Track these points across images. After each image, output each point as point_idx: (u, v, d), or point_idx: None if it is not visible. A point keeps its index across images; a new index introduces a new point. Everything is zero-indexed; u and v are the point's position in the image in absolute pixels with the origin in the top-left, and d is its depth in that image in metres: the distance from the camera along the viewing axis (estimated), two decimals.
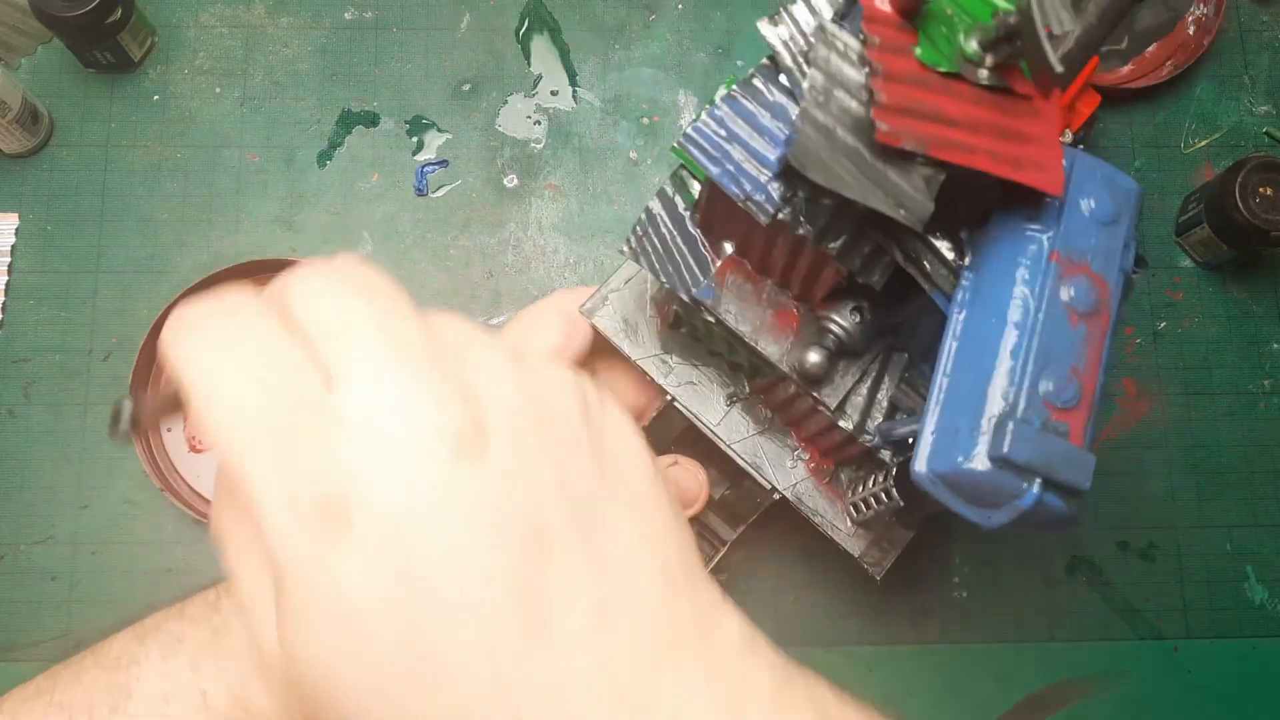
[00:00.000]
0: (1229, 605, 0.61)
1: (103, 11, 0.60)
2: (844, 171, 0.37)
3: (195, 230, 0.63)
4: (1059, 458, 0.35)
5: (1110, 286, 0.38)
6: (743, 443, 0.52)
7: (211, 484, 0.59)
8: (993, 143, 0.37)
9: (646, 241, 0.46)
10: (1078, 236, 0.38)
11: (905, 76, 0.37)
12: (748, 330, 0.46)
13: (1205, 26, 0.66)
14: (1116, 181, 0.39)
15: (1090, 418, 0.36)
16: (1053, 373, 0.36)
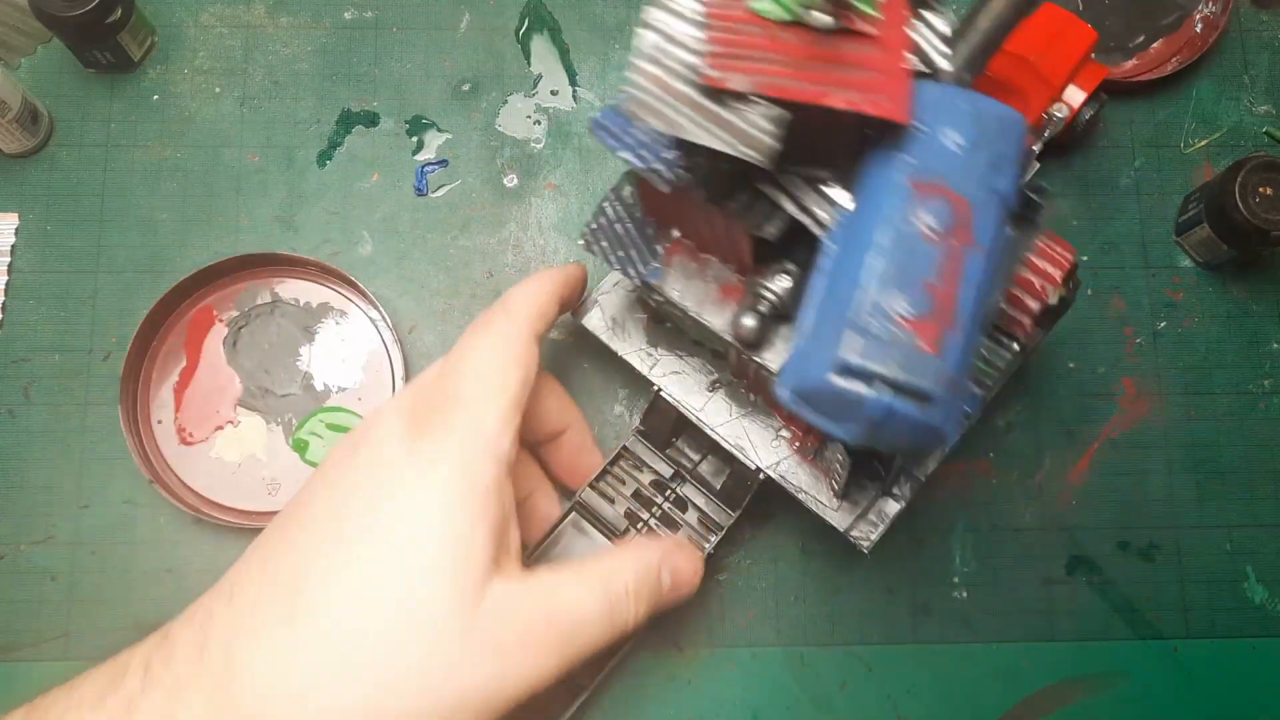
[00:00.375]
0: (1229, 605, 0.61)
1: (102, 11, 0.60)
2: (681, 117, 0.38)
3: (195, 230, 0.63)
4: (903, 361, 0.36)
5: (972, 205, 0.39)
6: (727, 425, 0.54)
7: (202, 478, 0.59)
8: (830, 78, 0.38)
9: (601, 233, 0.50)
10: (937, 160, 0.39)
11: (738, 27, 0.39)
12: (691, 305, 0.49)
13: (1212, 24, 0.66)
14: (985, 109, 0.40)
15: (948, 329, 0.37)
16: (905, 287, 0.37)
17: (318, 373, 0.61)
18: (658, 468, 0.57)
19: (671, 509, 0.57)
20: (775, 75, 0.38)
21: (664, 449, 0.57)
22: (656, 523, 0.57)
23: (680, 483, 0.57)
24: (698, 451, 0.57)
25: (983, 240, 0.39)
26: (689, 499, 0.57)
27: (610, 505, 0.57)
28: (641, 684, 0.58)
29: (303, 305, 0.62)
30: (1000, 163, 0.39)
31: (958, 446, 0.62)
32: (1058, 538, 0.61)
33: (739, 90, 0.38)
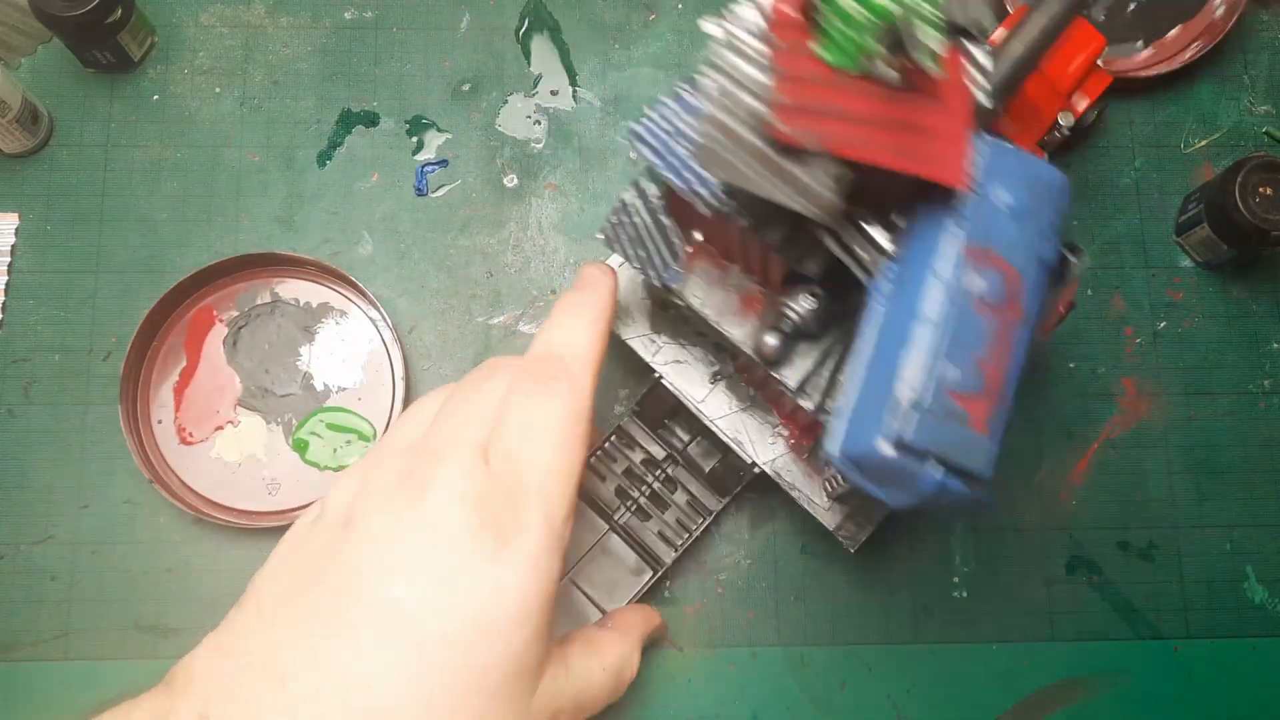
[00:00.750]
0: (1229, 605, 0.61)
1: (102, 11, 0.60)
2: (749, 170, 0.38)
3: (195, 230, 0.63)
4: (958, 444, 0.36)
5: (1024, 278, 0.38)
6: (726, 419, 0.54)
7: (202, 478, 0.59)
8: (895, 138, 0.38)
9: (621, 229, 0.49)
10: (989, 228, 0.39)
11: (807, 76, 0.38)
12: (712, 314, 0.49)
13: (1233, 7, 0.66)
14: (1035, 173, 0.40)
15: (996, 406, 0.37)
16: (958, 361, 0.37)
17: (318, 372, 0.61)
18: (650, 448, 0.58)
19: (662, 488, 0.58)
20: (843, 133, 0.38)
21: (656, 429, 0.58)
22: (646, 501, 0.58)
23: (671, 464, 0.58)
24: (688, 433, 0.58)
25: (1030, 311, 0.38)
26: (679, 480, 0.58)
27: (602, 482, 0.58)
28: (641, 684, 0.58)
29: (303, 305, 0.62)
30: (1048, 230, 0.39)
31: None
32: (1058, 538, 0.61)
33: (809, 147, 0.37)
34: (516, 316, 0.63)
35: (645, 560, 0.57)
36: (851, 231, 0.41)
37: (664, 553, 0.57)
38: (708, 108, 0.39)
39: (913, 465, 0.37)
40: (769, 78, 0.39)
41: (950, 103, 0.40)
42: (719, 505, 0.57)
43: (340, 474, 0.46)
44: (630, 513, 0.58)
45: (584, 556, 0.57)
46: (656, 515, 0.58)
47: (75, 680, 0.57)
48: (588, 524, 0.57)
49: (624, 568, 0.57)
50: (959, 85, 0.40)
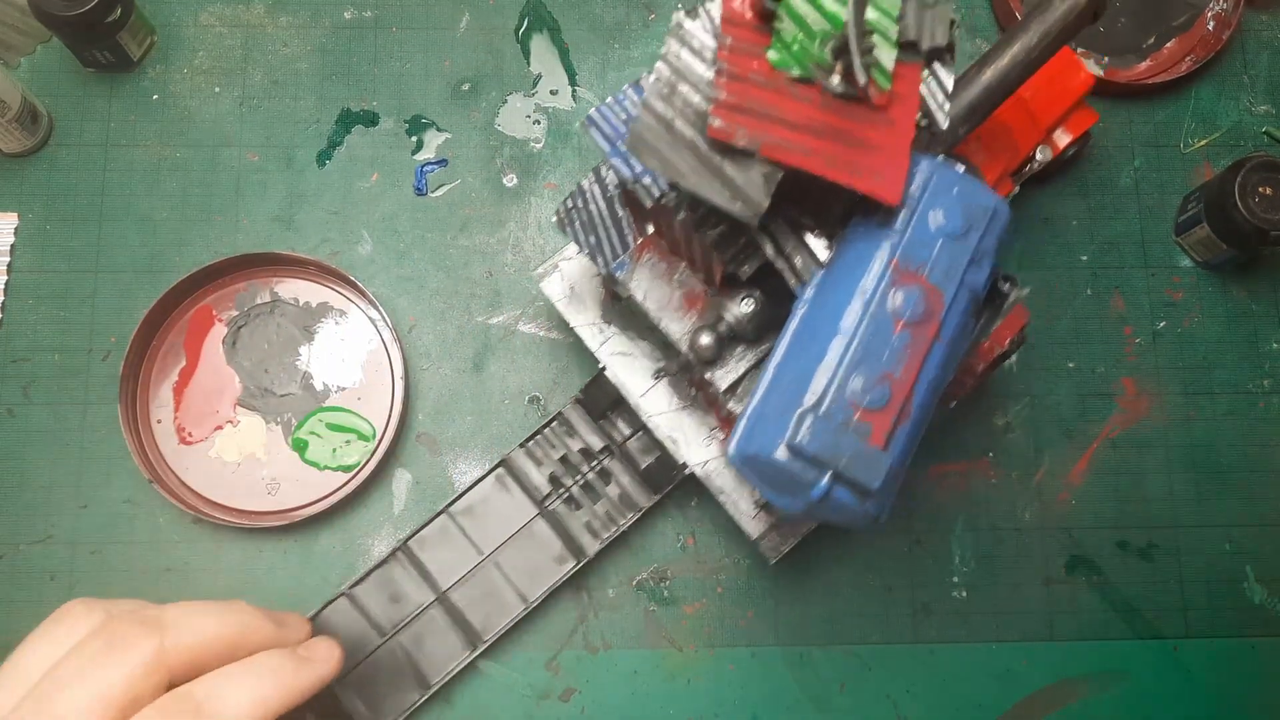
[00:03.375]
0: (1229, 605, 0.61)
1: (102, 11, 0.60)
2: (680, 161, 0.38)
3: (195, 230, 0.63)
4: (853, 455, 0.37)
5: (946, 299, 0.39)
6: (664, 416, 0.54)
7: (201, 477, 0.59)
8: (833, 148, 0.38)
9: (576, 214, 0.50)
10: (919, 246, 0.39)
11: (751, 77, 0.38)
12: (653, 307, 0.49)
13: (1225, 21, 0.66)
14: (975, 198, 0.40)
15: (900, 422, 0.38)
16: (865, 374, 0.37)
17: (317, 372, 0.61)
18: (588, 439, 0.58)
19: (595, 479, 0.58)
20: (780, 137, 0.38)
21: (598, 419, 0.58)
22: (579, 490, 0.58)
23: (608, 456, 0.58)
24: (630, 426, 0.58)
25: (947, 334, 0.39)
26: (613, 474, 0.58)
27: (537, 468, 0.58)
28: (641, 684, 0.58)
29: (302, 305, 0.62)
30: (981, 257, 0.40)
31: (957, 448, 0.62)
32: (1057, 537, 0.61)
33: (744, 147, 0.38)
34: (516, 316, 0.63)
35: (569, 549, 0.57)
36: (788, 236, 0.42)
37: (589, 544, 0.58)
38: (648, 96, 0.39)
39: (804, 471, 0.37)
40: (713, 74, 0.39)
41: (896, 119, 0.40)
42: (649, 502, 0.58)
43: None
44: (561, 500, 0.58)
45: (509, 539, 0.57)
46: (587, 505, 0.58)
47: None
48: (516, 506, 0.58)
49: (547, 554, 0.57)
50: (908, 102, 0.40)
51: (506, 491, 0.58)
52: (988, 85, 0.46)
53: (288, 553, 0.59)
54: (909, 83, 0.40)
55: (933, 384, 0.39)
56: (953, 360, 0.40)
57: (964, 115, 0.46)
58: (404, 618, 0.56)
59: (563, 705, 0.58)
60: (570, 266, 0.56)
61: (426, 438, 0.61)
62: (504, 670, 0.58)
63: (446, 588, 0.57)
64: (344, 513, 0.60)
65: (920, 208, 0.39)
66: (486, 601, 0.57)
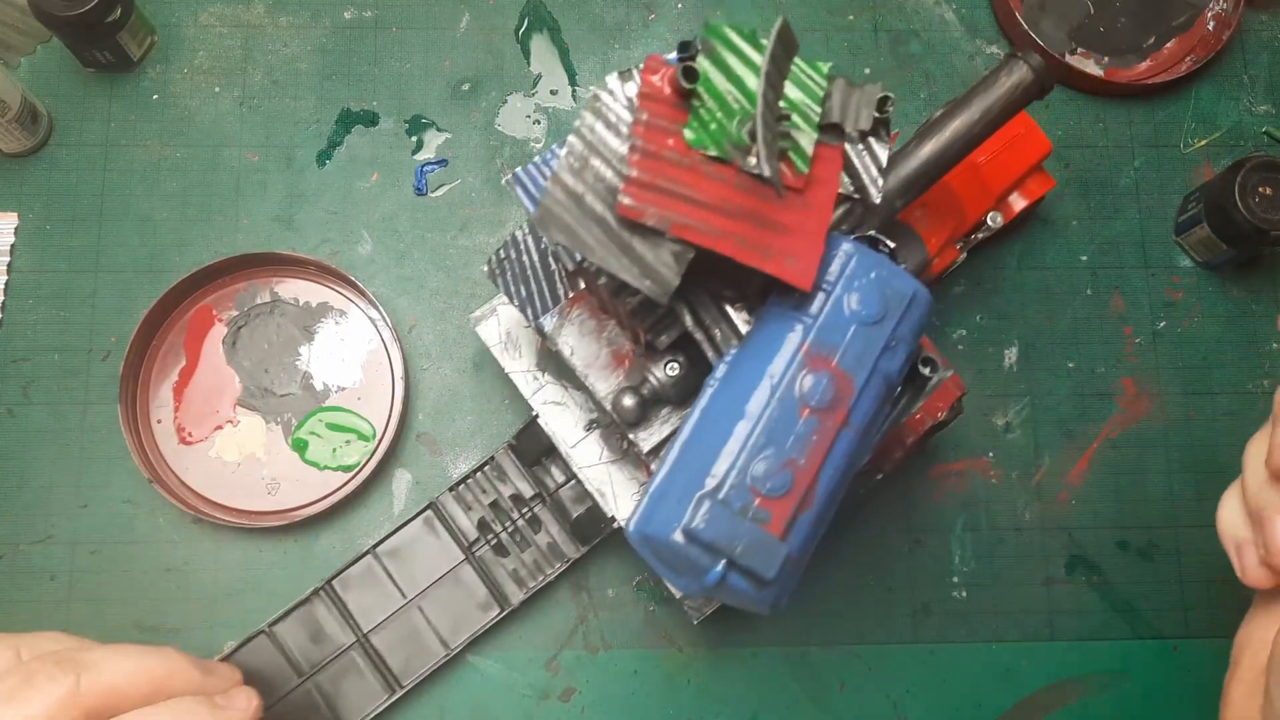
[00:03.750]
0: (1229, 605, 0.61)
1: (102, 11, 0.60)
2: (589, 237, 0.38)
3: (195, 230, 0.63)
4: (750, 543, 0.36)
5: (856, 385, 0.38)
6: (594, 468, 0.53)
7: (202, 477, 0.59)
8: (746, 229, 0.38)
9: (508, 264, 0.49)
10: (832, 331, 0.38)
11: (666, 154, 0.38)
12: (580, 364, 0.48)
13: (1225, 21, 0.66)
14: (893, 284, 0.39)
15: (801, 510, 0.37)
16: (769, 459, 0.37)
17: (317, 372, 0.61)
18: (519, 485, 0.57)
19: (525, 527, 0.57)
20: (691, 217, 0.37)
21: (530, 466, 0.57)
22: (507, 537, 0.57)
23: (539, 503, 0.58)
24: (563, 474, 0.58)
25: (857, 420, 0.38)
26: (544, 522, 0.58)
27: (466, 512, 0.57)
28: (641, 684, 0.59)
29: (302, 305, 0.62)
30: (896, 344, 0.39)
31: (957, 446, 0.62)
32: (1057, 537, 0.61)
33: (653, 226, 0.37)
34: None
35: (494, 597, 0.57)
36: (709, 307, 0.41)
37: (513, 593, 0.57)
38: (559, 169, 0.38)
39: (699, 556, 0.36)
40: (626, 150, 0.38)
41: (813, 202, 0.39)
42: (577, 553, 0.57)
43: None
44: (489, 546, 0.57)
45: (434, 584, 0.57)
46: (515, 553, 0.57)
47: None
48: (443, 550, 0.57)
49: (472, 601, 0.57)
50: (828, 186, 0.39)
51: (434, 535, 0.57)
52: (926, 160, 0.46)
53: (288, 553, 0.59)
54: (830, 165, 0.40)
55: (839, 471, 0.38)
56: (864, 445, 0.39)
57: (900, 189, 0.45)
58: (324, 658, 0.56)
59: (563, 705, 0.58)
60: (508, 311, 0.55)
61: (426, 438, 0.61)
62: (504, 670, 0.58)
63: (368, 629, 0.56)
64: (344, 513, 0.60)
65: (836, 291, 0.39)
66: (407, 645, 0.56)
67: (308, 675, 0.55)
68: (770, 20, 0.67)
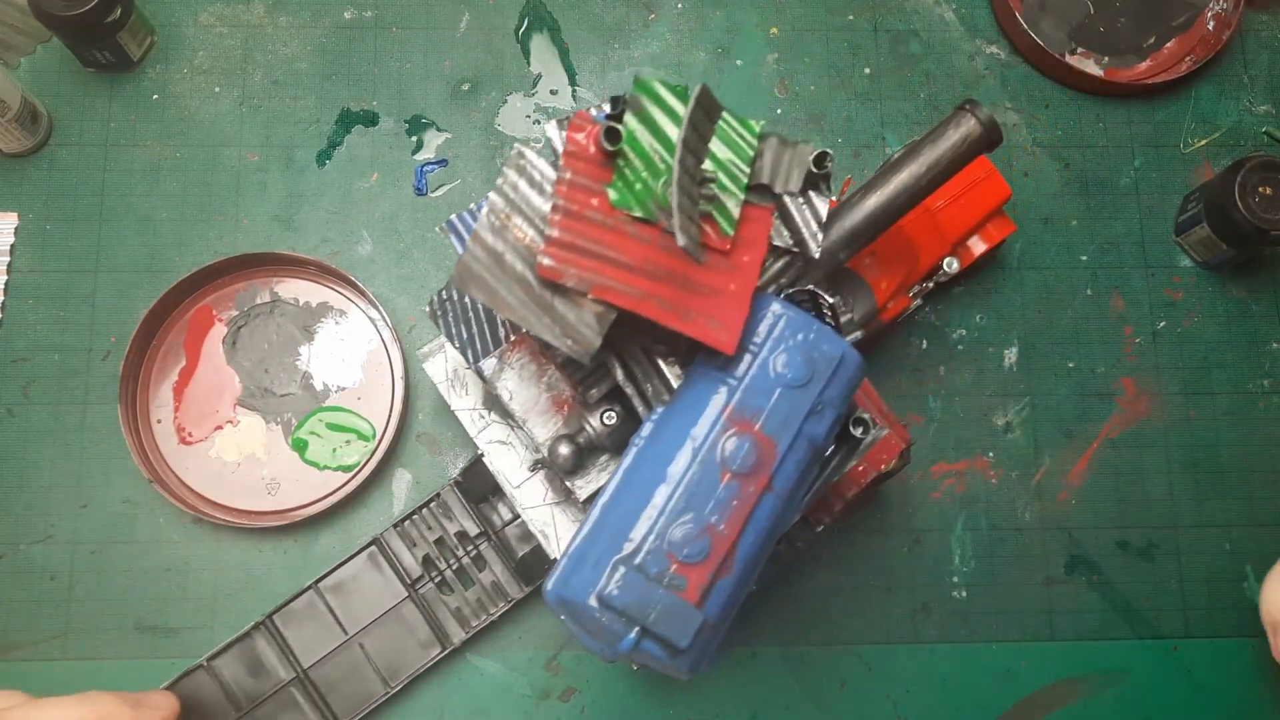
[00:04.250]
0: (1229, 605, 0.61)
1: (102, 11, 0.59)
2: (510, 296, 0.37)
3: (194, 229, 0.63)
4: (664, 610, 0.35)
5: (779, 450, 0.37)
6: (538, 509, 0.52)
7: (202, 477, 0.59)
8: (669, 291, 0.37)
9: (450, 305, 0.48)
10: (756, 395, 0.38)
11: (588, 214, 0.37)
12: (519, 409, 0.48)
13: (1225, 21, 0.66)
14: (822, 347, 0.38)
15: (719, 576, 0.36)
16: (688, 525, 0.36)
17: (317, 372, 0.61)
18: (464, 523, 0.57)
19: (470, 565, 0.57)
20: (613, 279, 0.37)
21: (477, 503, 0.57)
22: (451, 575, 0.57)
23: (484, 541, 0.57)
24: (509, 512, 0.57)
25: (780, 484, 0.37)
26: (488, 561, 0.57)
27: (410, 549, 0.57)
28: (641, 684, 0.58)
29: (302, 305, 0.62)
30: (823, 408, 0.38)
31: (955, 447, 0.62)
32: (1057, 537, 0.61)
33: (573, 288, 0.37)
34: None
35: (435, 635, 0.56)
36: (640, 361, 0.41)
37: (455, 632, 0.56)
38: (479, 228, 0.38)
39: (612, 622, 0.36)
40: (549, 208, 0.38)
41: (739, 264, 0.38)
42: (520, 594, 0.56)
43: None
44: (433, 583, 0.57)
45: (376, 620, 0.56)
46: (459, 591, 0.57)
47: (75, 680, 0.57)
48: (386, 586, 0.56)
49: (413, 639, 0.56)
50: (755, 246, 0.39)
51: (378, 571, 0.57)
52: (871, 213, 0.45)
53: (288, 553, 0.59)
54: (758, 226, 0.39)
55: (762, 535, 0.37)
56: (789, 509, 0.39)
57: (844, 241, 0.45)
58: (262, 694, 0.55)
59: (563, 705, 0.58)
60: (454, 351, 0.55)
61: (426, 438, 0.61)
62: (504, 670, 0.58)
63: (308, 665, 0.56)
64: (344, 513, 0.60)
65: (763, 354, 0.38)
66: (348, 683, 0.56)
67: (246, 711, 0.55)
68: (770, 20, 0.67)
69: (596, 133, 0.38)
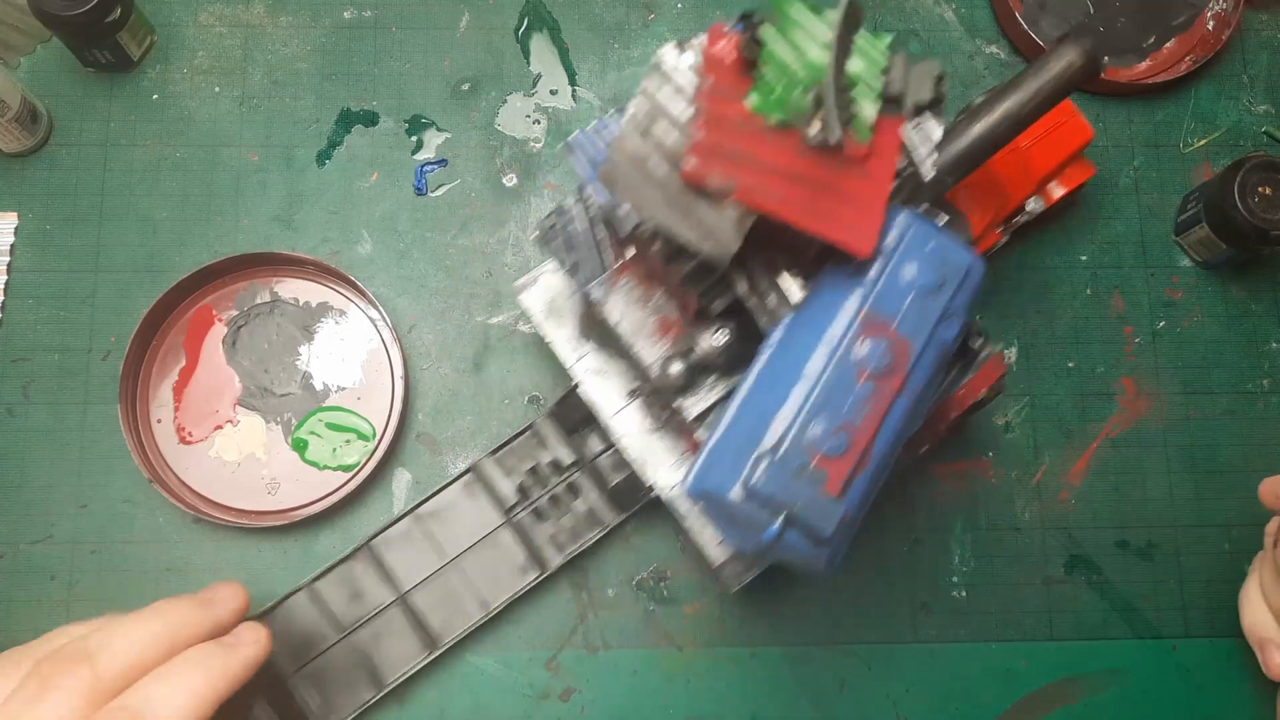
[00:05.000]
0: (1228, 605, 0.61)
1: (102, 10, 0.59)
2: (652, 198, 0.38)
3: (194, 229, 0.63)
4: (807, 501, 0.37)
5: (913, 352, 0.39)
6: (634, 437, 0.54)
7: (201, 477, 0.59)
8: (807, 196, 0.38)
9: (557, 232, 0.50)
10: (890, 299, 0.39)
11: (729, 120, 0.39)
12: (627, 331, 0.49)
13: (1225, 21, 0.66)
14: (950, 255, 0.40)
15: (857, 470, 0.38)
16: (825, 421, 0.38)
17: (317, 372, 0.61)
18: (559, 452, 0.58)
19: (564, 493, 0.58)
20: (754, 181, 0.38)
21: (570, 433, 0.58)
22: (546, 503, 0.58)
23: (577, 470, 0.58)
24: (602, 443, 0.58)
25: (913, 386, 0.39)
26: (582, 489, 0.58)
27: (506, 477, 0.58)
28: (642, 684, 0.59)
29: (302, 305, 0.62)
30: (952, 313, 0.40)
31: (956, 448, 0.62)
32: (1056, 537, 0.61)
33: (716, 190, 0.38)
34: (516, 316, 0.63)
35: (532, 560, 0.57)
36: (763, 275, 0.42)
37: (552, 557, 0.57)
38: (624, 130, 0.39)
39: (756, 513, 0.37)
40: (691, 114, 0.39)
41: (873, 171, 0.40)
42: (615, 520, 0.57)
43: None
44: (528, 511, 0.58)
45: (473, 546, 0.57)
46: (553, 519, 0.58)
47: None
48: (482, 513, 0.58)
49: (511, 564, 0.57)
50: (887, 156, 0.40)
51: (473, 498, 0.58)
52: (977, 138, 0.46)
53: (288, 553, 0.59)
54: (889, 136, 0.40)
55: (894, 435, 0.39)
56: (918, 412, 0.40)
57: (951, 166, 0.46)
58: (363, 616, 0.56)
59: (563, 705, 0.58)
60: (552, 280, 0.56)
61: (426, 438, 0.61)
62: (504, 670, 0.58)
63: (407, 589, 0.57)
64: (344, 513, 0.60)
65: (894, 260, 0.39)
66: (446, 605, 0.57)
67: (347, 631, 0.56)
68: None
69: (736, 42, 0.39)
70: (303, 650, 0.55)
